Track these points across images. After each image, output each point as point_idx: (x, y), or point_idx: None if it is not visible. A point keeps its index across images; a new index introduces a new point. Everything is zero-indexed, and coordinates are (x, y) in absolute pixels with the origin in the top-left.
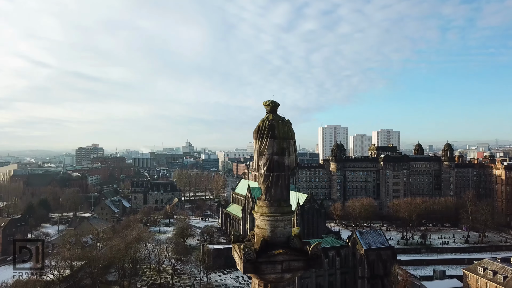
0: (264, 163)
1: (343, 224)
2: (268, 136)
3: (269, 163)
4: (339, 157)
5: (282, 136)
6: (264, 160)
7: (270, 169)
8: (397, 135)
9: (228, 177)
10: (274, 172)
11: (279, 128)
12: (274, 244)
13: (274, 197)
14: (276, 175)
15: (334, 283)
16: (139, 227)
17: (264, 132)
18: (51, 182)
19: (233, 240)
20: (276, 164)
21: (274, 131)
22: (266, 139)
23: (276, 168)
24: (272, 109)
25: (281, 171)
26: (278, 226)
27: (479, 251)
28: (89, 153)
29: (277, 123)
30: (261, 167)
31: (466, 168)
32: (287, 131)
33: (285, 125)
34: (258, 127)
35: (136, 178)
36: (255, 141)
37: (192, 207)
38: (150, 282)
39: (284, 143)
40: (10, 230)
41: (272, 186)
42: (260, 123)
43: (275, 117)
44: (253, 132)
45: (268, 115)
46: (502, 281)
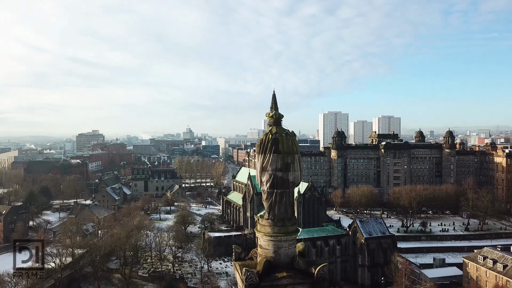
0: (267, 180)
1: (344, 211)
2: (272, 151)
3: (273, 180)
4: (340, 144)
5: (287, 150)
6: (267, 176)
7: (273, 186)
8: (398, 121)
9: (229, 163)
10: (278, 189)
11: (283, 142)
12: (277, 266)
13: (277, 216)
14: (280, 193)
15: (334, 271)
16: (139, 215)
17: (267, 146)
18: (52, 169)
19: (234, 258)
20: (280, 180)
21: (277, 146)
22: (269, 154)
23: (280, 185)
24: (276, 121)
25: (285, 188)
26: (282, 247)
27: (479, 238)
28: (89, 140)
29: (281, 136)
30: (264, 184)
31: (467, 155)
32: (292, 145)
33: (289, 139)
34: (261, 141)
35: (137, 165)
36: (257, 155)
37: (192, 194)
38: (151, 270)
39: (289, 158)
40: (12, 217)
41: (276, 204)
42: (263, 136)
43: (279, 130)
44: (256, 146)
45: (271, 127)
46: (502, 270)
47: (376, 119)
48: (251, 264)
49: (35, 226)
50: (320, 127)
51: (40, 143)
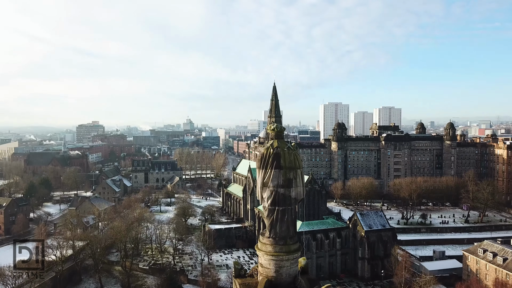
0: (268, 196)
1: (344, 203)
2: (273, 166)
3: (274, 197)
4: (340, 136)
5: (289, 166)
6: (268, 192)
7: (275, 203)
8: (399, 112)
9: (229, 154)
10: (280, 207)
11: (285, 157)
12: (279, 285)
13: (279, 234)
14: (282, 210)
15: (334, 264)
16: (140, 207)
17: (269, 161)
18: (52, 161)
19: (234, 275)
20: (281, 197)
21: (279, 161)
22: (270, 169)
23: (281, 202)
24: (277, 134)
25: (287, 205)
26: (284, 266)
27: (479, 230)
28: (89, 131)
29: (283, 151)
30: (265, 200)
31: (468, 147)
32: (294, 160)
33: (291, 153)
34: (262, 155)
35: (137, 156)
36: (258, 170)
37: (193, 186)
38: (152, 263)
39: (291, 173)
40: (12, 209)
41: (277, 222)
42: (264, 150)
43: (281, 144)
44: (256, 160)
45: (273, 141)
46: (502, 263)
47: (377, 110)
48: (252, 283)
49: (36, 218)
50: (321, 118)
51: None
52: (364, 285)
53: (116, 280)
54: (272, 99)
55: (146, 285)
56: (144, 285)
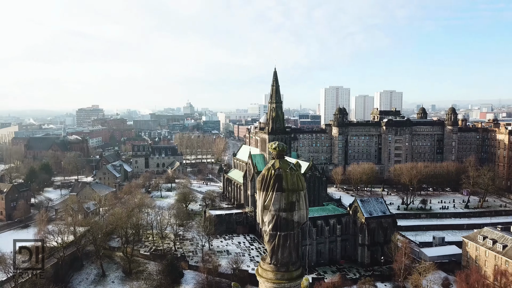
0: (269, 220)
1: (344, 188)
2: (275, 189)
3: (276, 221)
4: (341, 121)
5: (291, 188)
6: (269, 216)
7: (276, 228)
8: (400, 96)
9: (230, 139)
10: (282, 232)
11: (288, 179)
12: None
13: (281, 261)
14: (284, 235)
15: (334, 250)
16: (140, 193)
17: (270, 183)
18: (52, 146)
19: None
20: (283, 222)
21: (281, 183)
22: (271, 192)
23: (283, 226)
24: (279, 154)
25: (289, 229)
26: None
27: (479, 216)
28: (89, 115)
29: (285, 172)
30: (265, 224)
31: (469, 132)
32: (297, 181)
33: (294, 174)
34: (263, 176)
35: (137, 141)
36: (258, 191)
37: (193, 171)
38: (153, 249)
39: (294, 196)
40: (13, 195)
41: (279, 248)
42: (264, 171)
43: (283, 164)
44: (257, 181)
45: (274, 161)
46: (501, 250)
47: (378, 94)
48: None
49: (37, 204)
50: (322, 102)
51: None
52: (363, 271)
53: (118, 266)
54: (273, 85)
55: (147, 271)
56: (145, 271)
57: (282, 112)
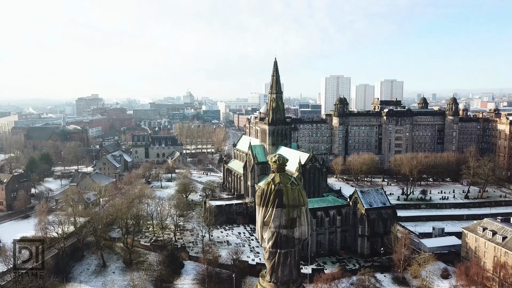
0: (269, 237)
1: (344, 179)
2: (275, 205)
3: (276, 238)
4: (342, 111)
5: (292, 203)
6: (269, 233)
7: (276, 245)
8: (401, 85)
9: (230, 128)
10: (282, 249)
11: (288, 194)
12: None
13: (281, 279)
14: (284, 253)
15: (334, 240)
16: (141, 184)
17: (270, 198)
18: (52, 136)
19: None
20: (284, 239)
21: (281, 198)
22: (271, 208)
23: (284, 244)
24: (280, 167)
25: (290, 247)
26: None
27: (479, 206)
28: (89, 104)
29: (286, 187)
30: (265, 241)
31: (470, 122)
32: (298, 196)
33: (295, 189)
34: (262, 192)
35: (137, 130)
36: (258, 207)
37: (193, 161)
38: (153, 239)
39: (295, 212)
40: (13, 186)
41: (279, 265)
42: (264, 186)
43: (283, 179)
44: (256, 196)
45: (274, 176)
46: (501, 241)
47: (379, 83)
48: None
49: (38, 194)
50: (322, 91)
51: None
52: (363, 262)
53: (118, 256)
54: (273, 75)
55: (148, 261)
56: (145, 262)
57: (283, 103)
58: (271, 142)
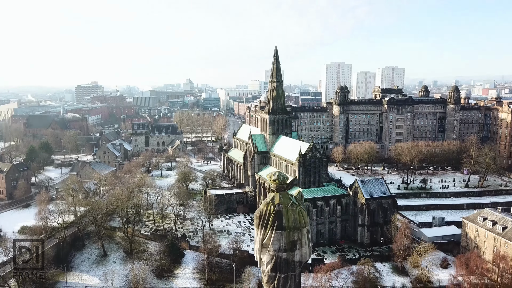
0: (268, 261)
1: (344, 167)
2: (274, 227)
3: (275, 262)
4: (343, 100)
5: (293, 225)
6: (268, 256)
7: (276, 269)
8: (402, 72)
9: (230, 116)
10: (281, 274)
11: (289, 216)
12: None
13: None
14: (284, 277)
15: (334, 230)
16: (141, 172)
17: (269, 220)
18: (52, 124)
19: None
20: (284, 263)
21: (281, 221)
22: (271, 230)
23: (284, 268)
24: (279, 186)
25: (290, 271)
26: None
27: (479, 195)
28: (88, 91)
29: (286, 209)
30: (264, 264)
31: (472, 110)
32: (299, 218)
33: (296, 210)
34: (260, 213)
35: (137, 118)
36: (256, 228)
37: (194, 150)
38: (154, 229)
39: (295, 234)
40: (13, 175)
41: None
42: (263, 206)
43: (283, 199)
44: (254, 217)
45: (274, 196)
46: (501, 232)
47: (380, 70)
48: None
49: (38, 183)
50: (323, 78)
51: (39, 94)
52: (363, 251)
53: (119, 246)
54: (273, 63)
55: (148, 251)
56: (146, 251)
57: (283, 91)
58: (271, 132)
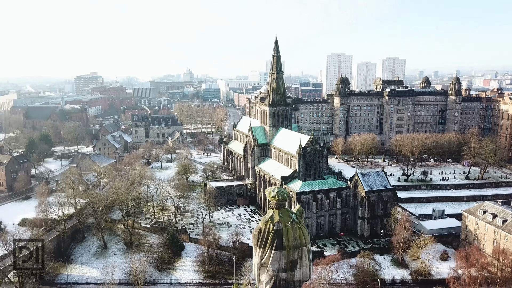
0: (267, 281)
1: (345, 159)
2: (273, 246)
3: (274, 283)
4: (343, 91)
5: (293, 245)
6: (267, 277)
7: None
8: (403, 63)
9: (230, 107)
10: None
11: (289, 235)
12: None
13: None
14: None
15: (334, 222)
16: (141, 164)
17: (268, 239)
18: (51, 115)
19: None
20: (283, 283)
21: (281, 240)
22: (269, 250)
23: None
24: (279, 203)
25: None
26: None
27: (479, 187)
28: (88, 82)
29: (286, 227)
30: (262, 284)
31: (473, 102)
32: (300, 236)
33: (296, 228)
34: (259, 231)
35: (137, 110)
36: (254, 247)
37: (194, 141)
38: (154, 221)
39: (295, 253)
40: (13, 167)
41: None
42: (261, 225)
43: (283, 217)
44: (252, 236)
45: (273, 213)
46: (501, 225)
47: (381, 61)
48: None
49: (38, 175)
50: (323, 69)
51: (39, 85)
52: (363, 244)
53: (119, 238)
54: (274, 55)
55: (149, 243)
56: (146, 244)
57: (283, 83)
58: (271, 124)
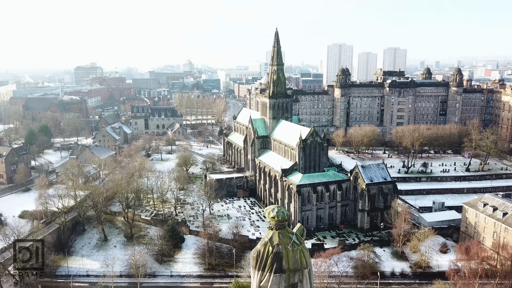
0: None
1: (345, 151)
2: (273, 270)
3: None
4: (344, 83)
5: (293, 268)
6: None
7: None
8: (404, 53)
9: (230, 98)
10: None
11: (289, 257)
12: None
13: None
14: None
15: (334, 215)
16: (141, 156)
17: (267, 262)
18: (51, 106)
19: None
20: None
21: (281, 263)
22: (269, 273)
23: None
24: (279, 224)
25: None
26: None
27: (479, 179)
28: (87, 72)
29: (286, 250)
30: None
31: (474, 93)
32: (300, 259)
33: (297, 251)
34: (258, 253)
35: (137, 101)
36: (253, 270)
37: (193, 133)
38: (154, 213)
39: (296, 276)
40: (13, 159)
41: None
42: (260, 247)
43: (283, 239)
44: (251, 258)
45: (273, 235)
46: (501, 217)
47: (382, 51)
48: None
49: (37, 167)
50: (324, 59)
51: (38, 75)
52: (363, 236)
53: (119, 230)
54: (274, 46)
55: (149, 236)
56: (146, 236)
57: (284, 75)
58: (271, 116)
